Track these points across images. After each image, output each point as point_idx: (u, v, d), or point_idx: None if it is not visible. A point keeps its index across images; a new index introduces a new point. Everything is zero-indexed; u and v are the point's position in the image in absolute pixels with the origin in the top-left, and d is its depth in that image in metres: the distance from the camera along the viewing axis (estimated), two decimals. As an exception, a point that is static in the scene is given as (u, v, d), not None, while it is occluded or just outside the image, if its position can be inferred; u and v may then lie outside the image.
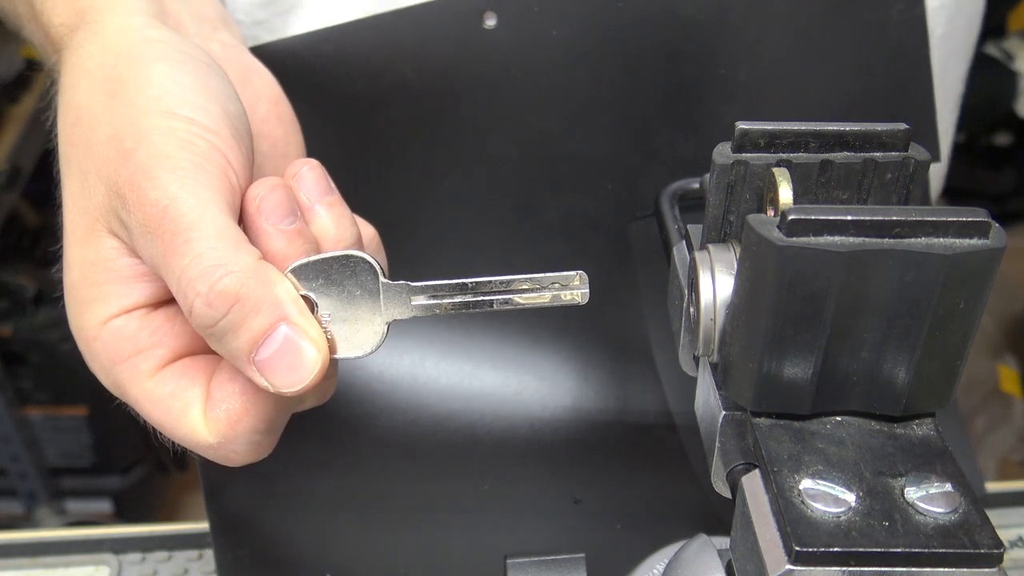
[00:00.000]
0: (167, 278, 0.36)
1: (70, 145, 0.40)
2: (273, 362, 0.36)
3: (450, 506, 0.58)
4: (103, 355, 0.39)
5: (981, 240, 0.29)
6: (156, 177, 0.36)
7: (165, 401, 0.39)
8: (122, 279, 0.39)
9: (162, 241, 0.36)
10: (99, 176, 0.38)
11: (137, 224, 0.36)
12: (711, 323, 0.34)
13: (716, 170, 0.34)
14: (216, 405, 0.38)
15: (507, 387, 0.59)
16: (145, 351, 0.39)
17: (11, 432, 1.67)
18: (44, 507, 1.76)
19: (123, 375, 0.39)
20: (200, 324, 0.36)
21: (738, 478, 0.32)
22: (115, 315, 0.39)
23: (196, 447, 0.39)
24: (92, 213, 0.38)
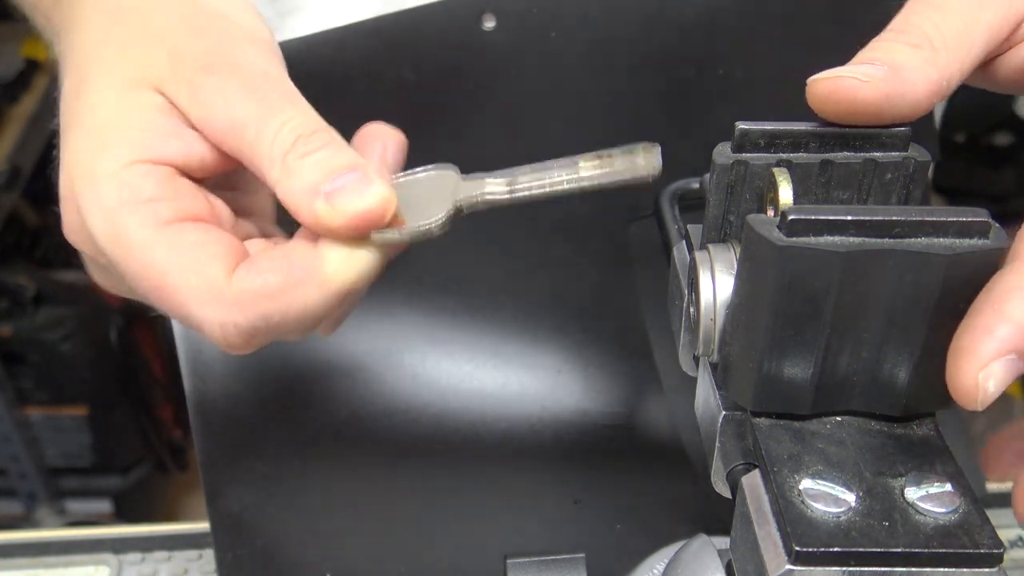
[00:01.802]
0: (256, 128, 0.36)
1: (112, 15, 0.40)
2: (344, 188, 0.36)
3: (450, 506, 0.58)
4: (113, 194, 0.36)
5: (981, 240, 0.29)
6: (248, 48, 0.38)
7: (183, 247, 0.36)
8: (160, 131, 0.37)
9: (262, 100, 0.37)
10: (161, 43, 0.38)
11: (221, 85, 0.37)
12: (711, 323, 0.34)
13: (716, 170, 0.34)
14: (255, 270, 0.36)
15: (507, 388, 0.59)
16: (168, 200, 0.36)
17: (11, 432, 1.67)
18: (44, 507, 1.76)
19: (134, 216, 0.36)
20: (294, 155, 0.36)
21: (738, 478, 0.32)
22: (144, 160, 0.37)
23: (200, 303, 0.36)
24: (137, 70, 0.38)
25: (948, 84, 0.33)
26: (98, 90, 0.38)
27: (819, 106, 0.33)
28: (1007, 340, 0.28)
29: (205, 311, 0.36)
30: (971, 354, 0.28)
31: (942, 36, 0.33)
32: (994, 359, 0.28)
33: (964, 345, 0.28)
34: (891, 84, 0.32)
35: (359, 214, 0.36)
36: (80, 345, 1.62)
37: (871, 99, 0.32)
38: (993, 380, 0.28)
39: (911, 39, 0.33)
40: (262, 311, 0.36)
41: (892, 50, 0.32)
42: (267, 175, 0.37)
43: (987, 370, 0.28)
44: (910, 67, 0.32)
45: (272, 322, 0.36)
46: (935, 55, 0.32)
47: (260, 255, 0.37)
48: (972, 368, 0.28)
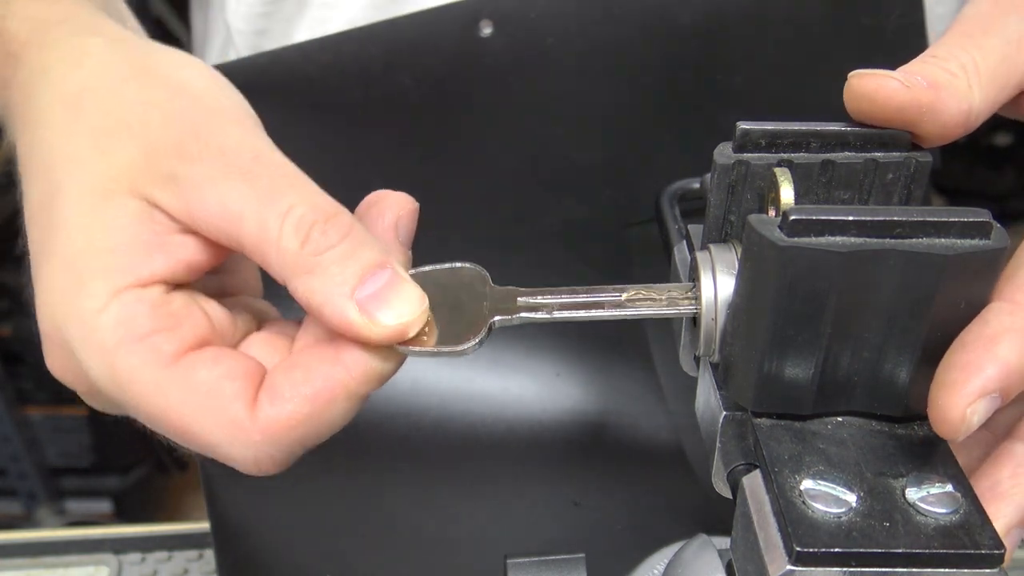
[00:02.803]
0: (257, 218, 0.33)
1: (75, 111, 0.36)
2: (379, 296, 0.33)
3: (450, 507, 0.58)
4: (108, 333, 0.33)
5: (983, 240, 0.29)
6: (231, 129, 0.35)
7: (197, 389, 0.33)
8: (142, 247, 0.34)
9: (256, 185, 0.34)
10: (132, 135, 0.35)
11: (206, 173, 0.34)
12: (712, 323, 0.34)
13: (717, 170, 0.34)
14: (279, 401, 0.33)
15: (507, 391, 0.59)
16: (167, 331, 0.34)
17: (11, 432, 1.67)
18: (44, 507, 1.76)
19: (134, 357, 0.33)
20: (310, 251, 0.33)
21: (739, 478, 0.32)
22: (130, 286, 0.34)
23: (230, 444, 0.34)
24: (109, 174, 0.35)
25: (977, 118, 0.33)
26: (68, 206, 0.35)
27: (856, 101, 0.33)
28: (994, 380, 0.29)
29: (235, 451, 0.34)
30: (960, 389, 0.29)
31: (979, 73, 0.33)
32: (980, 397, 0.29)
33: (954, 379, 0.29)
34: (929, 98, 0.32)
35: (398, 329, 0.33)
36: (80, 345, 1.62)
37: (910, 105, 0.32)
38: (978, 416, 0.29)
39: (950, 67, 0.33)
40: (295, 437, 0.34)
41: (932, 72, 0.33)
42: (278, 271, 0.34)
43: (974, 406, 0.29)
44: (948, 90, 0.32)
45: (307, 443, 0.35)
46: (970, 89, 0.33)
47: (278, 377, 0.34)
48: (960, 403, 0.29)
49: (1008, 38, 0.34)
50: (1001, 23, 0.34)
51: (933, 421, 0.30)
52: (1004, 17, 0.34)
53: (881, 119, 0.33)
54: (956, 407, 0.29)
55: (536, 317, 0.35)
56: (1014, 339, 0.29)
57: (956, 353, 0.30)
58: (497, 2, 0.51)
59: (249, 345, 0.37)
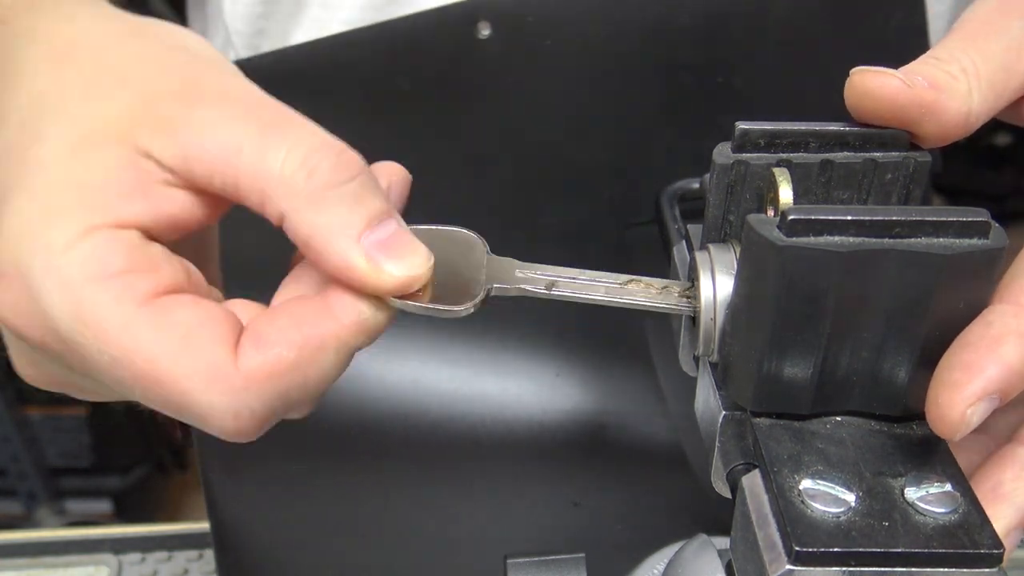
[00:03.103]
0: (258, 148, 0.31)
1: (63, 60, 0.34)
2: (386, 245, 0.32)
3: (451, 507, 0.58)
4: (76, 267, 0.30)
5: (981, 240, 0.29)
6: (234, 80, 0.33)
7: (174, 327, 0.30)
8: (122, 188, 0.31)
9: (260, 122, 0.32)
10: (127, 84, 0.33)
11: (207, 115, 0.32)
12: (711, 323, 0.34)
13: (716, 170, 0.34)
14: (264, 346, 0.31)
15: (507, 392, 0.59)
16: (143, 271, 0.31)
17: (11, 432, 1.67)
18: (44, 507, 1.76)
19: (104, 293, 0.30)
20: (319, 184, 0.31)
21: (738, 478, 0.32)
22: (105, 224, 0.31)
23: (206, 390, 0.30)
24: (99, 121, 0.32)
25: (976, 122, 0.33)
26: (47, 145, 0.32)
27: (857, 98, 0.33)
28: (995, 381, 0.29)
29: (213, 400, 0.30)
30: (962, 388, 0.29)
31: (979, 77, 0.33)
32: (981, 398, 0.29)
33: (956, 379, 0.29)
34: (930, 98, 0.32)
35: (404, 280, 0.32)
36: (80, 345, 1.62)
37: (910, 104, 0.32)
38: (977, 416, 0.29)
39: (951, 69, 0.33)
40: (280, 389, 0.31)
41: (933, 73, 0.33)
42: (277, 203, 0.32)
43: (974, 406, 0.29)
44: (948, 92, 0.32)
45: (291, 399, 0.32)
46: (969, 93, 0.33)
47: (262, 323, 0.32)
48: (961, 403, 0.29)
49: (1010, 43, 0.34)
50: (1004, 27, 0.34)
51: (931, 420, 0.30)
52: (1007, 21, 0.34)
53: (881, 117, 0.33)
54: (956, 406, 0.29)
55: (534, 291, 0.35)
56: (1017, 342, 0.29)
57: (958, 353, 0.30)
58: (495, 3, 0.51)
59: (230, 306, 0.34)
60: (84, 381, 0.34)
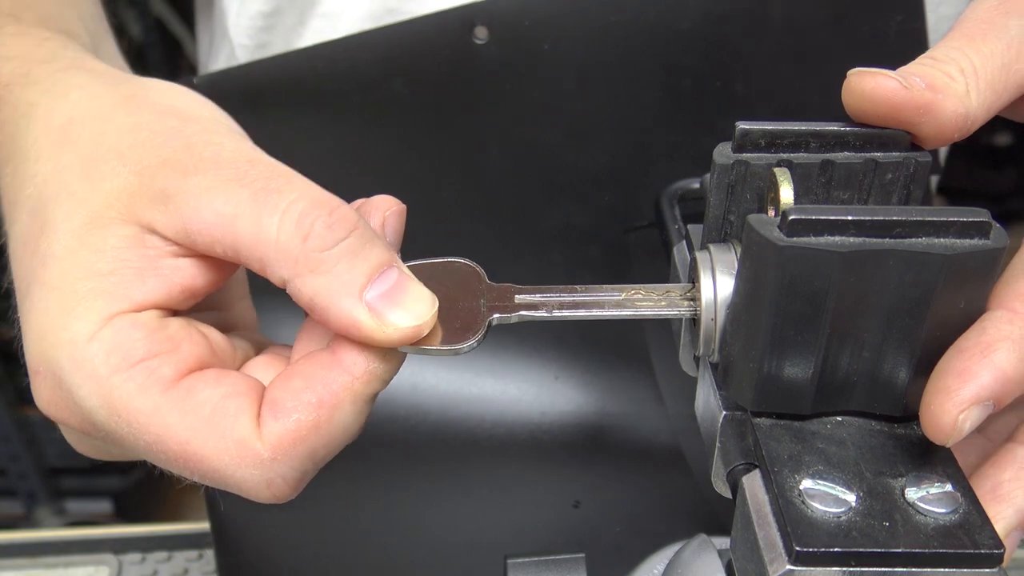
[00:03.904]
0: (252, 216, 0.32)
1: (62, 142, 0.35)
2: (389, 298, 0.32)
3: (451, 508, 0.58)
4: (101, 359, 0.32)
5: (982, 240, 0.29)
6: (225, 141, 0.34)
7: (199, 410, 0.32)
8: (133, 271, 0.32)
9: (251, 186, 0.32)
10: (122, 160, 0.34)
11: (201, 183, 0.32)
12: (711, 323, 0.34)
13: (717, 170, 0.34)
14: (282, 414, 0.32)
15: (506, 394, 0.59)
16: (164, 354, 0.32)
17: (11, 432, 1.67)
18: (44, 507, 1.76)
19: (130, 383, 0.31)
20: (314, 247, 0.31)
21: (738, 478, 0.32)
22: (122, 312, 0.32)
23: (237, 466, 0.32)
24: (100, 201, 0.33)
25: (974, 123, 0.33)
26: (57, 236, 0.33)
27: (854, 99, 0.33)
28: (988, 387, 0.29)
29: (245, 474, 0.32)
30: (954, 395, 0.29)
31: (977, 77, 0.33)
32: (975, 404, 0.29)
33: (948, 385, 0.29)
34: (927, 99, 0.32)
35: (411, 331, 0.32)
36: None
37: (907, 105, 0.32)
38: (970, 422, 0.29)
39: (949, 70, 0.33)
40: (306, 451, 0.32)
41: (931, 74, 0.33)
42: (277, 270, 0.32)
43: (967, 412, 0.29)
44: (946, 93, 0.32)
45: (318, 457, 0.33)
46: (967, 94, 0.33)
47: (277, 390, 0.32)
48: (953, 409, 0.29)
49: (1009, 42, 0.33)
50: (1002, 26, 0.34)
51: (925, 426, 0.30)
52: (1006, 20, 0.34)
53: (878, 118, 0.33)
54: (948, 413, 0.29)
55: (535, 316, 0.35)
56: (1011, 348, 0.29)
57: (952, 359, 0.30)
58: (492, 8, 0.51)
59: (250, 368, 0.36)
60: (115, 450, 0.35)
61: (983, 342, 0.30)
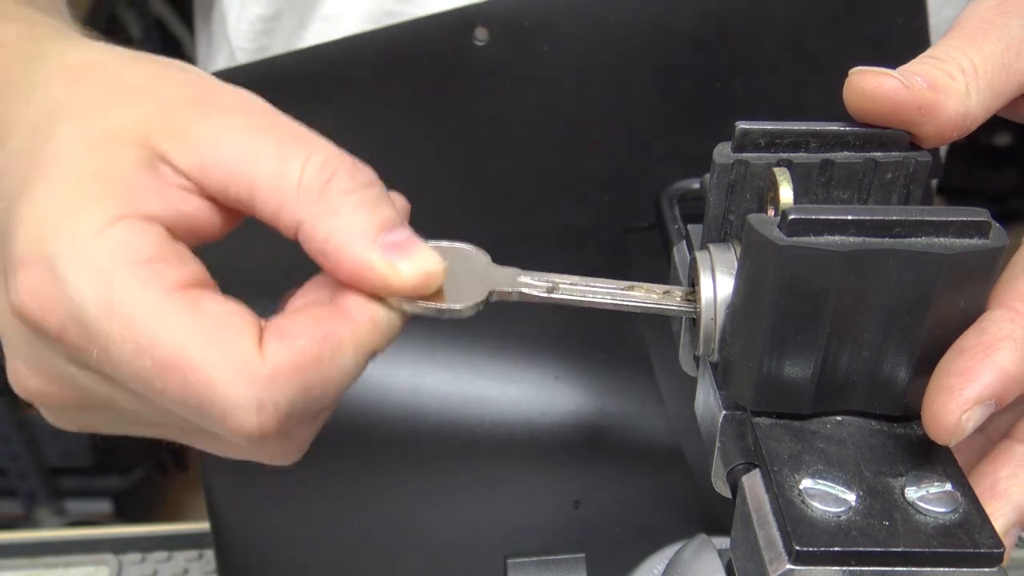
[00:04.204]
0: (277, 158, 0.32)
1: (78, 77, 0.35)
2: (402, 247, 0.32)
3: (450, 508, 0.58)
4: (107, 252, 0.30)
5: (981, 240, 0.29)
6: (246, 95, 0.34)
7: (203, 317, 0.30)
8: (146, 186, 0.32)
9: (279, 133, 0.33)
10: (144, 96, 0.33)
11: (224, 123, 0.32)
12: (711, 323, 0.34)
13: (716, 170, 0.34)
14: (289, 339, 0.31)
15: (506, 395, 0.59)
16: (173, 262, 0.31)
17: (11, 432, 1.67)
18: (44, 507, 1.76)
19: (134, 278, 0.30)
20: (337, 189, 0.32)
21: (738, 478, 0.32)
22: (132, 215, 0.31)
23: (233, 380, 0.30)
24: (117, 121, 0.33)
25: (973, 122, 0.33)
26: (64, 142, 0.32)
27: (855, 98, 0.33)
28: (990, 387, 0.29)
29: (239, 390, 0.30)
30: (956, 394, 0.29)
31: (977, 77, 0.33)
32: (977, 404, 0.29)
33: (950, 385, 0.29)
34: (928, 99, 0.32)
35: (422, 278, 0.32)
36: (80, 345, 1.62)
37: (908, 105, 0.32)
38: (972, 422, 0.29)
39: (950, 69, 0.33)
40: (302, 384, 0.31)
41: (932, 73, 0.33)
42: (294, 211, 0.32)
43: (969, 412, 0.29)
44: (947, 93, 0.32)
45: (312, 396, 0.32)
46: (968, 93, 0.33)
47: (283, 320, 0.32)
48: (956, 409, 0.29)
49: (1009, 42, 0.34)
50: (1003, 25, 0.34)
51: (927, 425, 0.30)
52: (1006, 19, 0.34)
53: (879, 117, 0.33)
54: (951, 412, 0.29)
55: (534, 295, 0.35)
56: (1012, 347, 0.29)
57: (954, 359, 0.30)
58: (491, 9, 0.51)
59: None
60: (93, 387, 0.33)
61: (985, 342, 0.30)
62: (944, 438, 0.29)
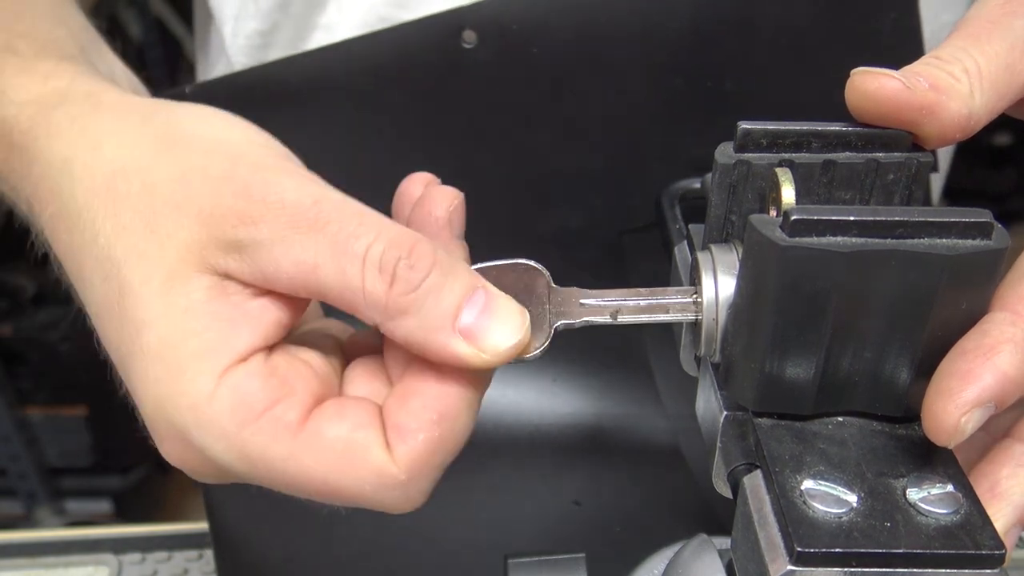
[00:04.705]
0: (335, 267, 0.32)
1: (114, 199, 0.35)
2: (481, 323, 0.33)
3: (451, 508, 0.58)
4: (227, 417, 0.32)
5: (984, 241, 0.29)
6: (283, 180, 0.34)
7: (334, 446, 0.32)
8: (227, 321, 0.33)
9: (326, 232, 0.32)
10: (182, 212, 0.34)
11: (273, 232, 0.32)
12: (713, 323, 0.34)
13: (718, 170, 0.34)
14: (410, 436, 0.33)
15: (505, 397, 0.59)
16: (284, 399, 0.33)
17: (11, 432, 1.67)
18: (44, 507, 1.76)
19: (260, 435, 0.32)
20: (400, 291, 0.32)
21: (739, 478, 0.32)
22: (231, 365, 0.33)
23: (378, 492, 0.33)
24: (172, 256, 0.34)
25: (976, 123, 0.33)
26: (140, 301, 0.34)
27: (857, 99, 0.33)
28: (990, 389, 0.29)
29: (385, 498, 0.33)
30: (956, 397, 0.29)
31: (981, 78, 0.33)
32: (977, 406, 0.29)
33: (950, 387, 0.29)
34: (930, 100, 0.32)
35: (511, 351, 0.33)
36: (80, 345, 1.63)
37: (910, 106, 0.32)
38: (972, 424, 0.29)
39: (953, 70, 0.33)
40: (436, 463, 0.33)
41: (935, 74, 0.32)
42: (368, 316, 0.33)
43: (969, 414, 0.29)
44: (949, 93, 0.32)
45: (446, 463, 0.34)
46: (971, 95, 0.32)
47: (399, 413, 0.33)
48: (956, 411, 0.29)
49: (1013, 43, 0.33)
50: (1007, 26, 0.34)
51: (927, 427, 0.30)
52: (1011, 20, 0.34)
53: (881, 118, 0.33)
54: (950, 415, 0.29)
55: (599, 321, 0.35)
56: (1013, 350, 0.29)
57: (954, 361, 0.30)
58: (479, 12, 0.51)
59: (352, 384, 0.36)
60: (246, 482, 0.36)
61: (986, 344, 0.30)
62: (943, 440, 0.29)
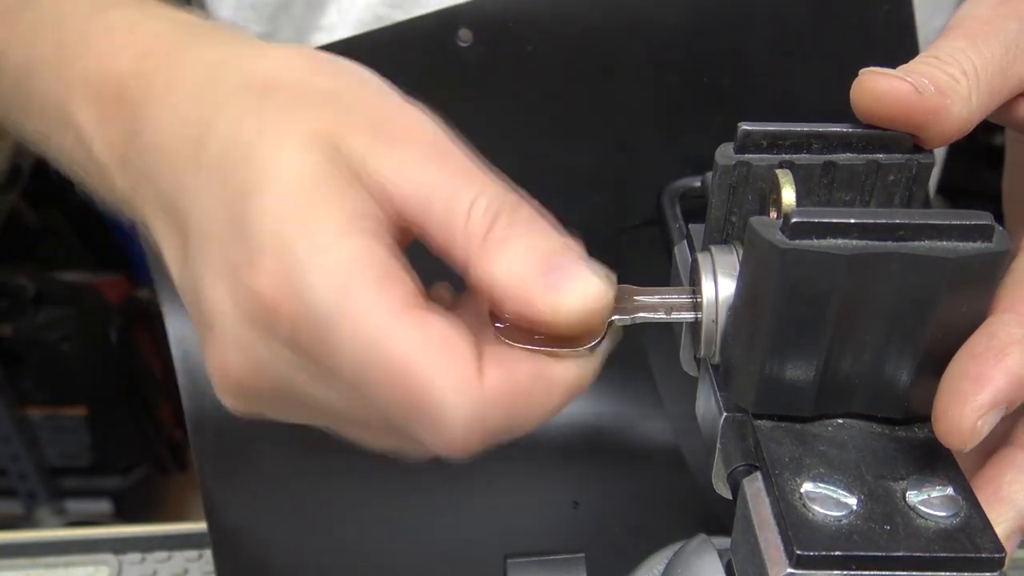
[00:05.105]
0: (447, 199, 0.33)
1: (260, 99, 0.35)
2: (565, 279, 0.32)
3: (450, 508, 0.58)
4: (346, 258, 0.31)
5: (985, 244, 0.29)
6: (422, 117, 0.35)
7: (433, 337, 0.31)
8: (358, 202, 0.33)
9: (448, 166, 0.34)
10: (323, 103, 0.35)
11: (407, 156, 0.33)
12: (713, 325, 0.34)
13: (718, 171, 0.34)
14: (509, 368, 0.32)
15: None
16: (401, 279, 0.32)
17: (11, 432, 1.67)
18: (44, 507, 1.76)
19: (368, 293, 0.31)
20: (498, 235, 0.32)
21: (739, 480, 0.32)
22: (359, 232, 0.32)
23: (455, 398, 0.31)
24: (311, 125, 0.34)
25: (970, 126, 0.33)
26: (270, 150, 0.33)
27: (865, 100, 0.33)
28: (1004, 391, 0.29)
29: (457, 402, 0.31)
30: (972, 400, 0.29)
31: (978, 81, 0.33)
32: (992, 408, 0.29)
33: (964, 390, 0.29)
34: (937, 103, 0.32)
35: (598, 301, 0.32)
36: (80, 345, 1.63)
37: (918, 110, 0.32)
38: (987, 427, 0.29)
39: (953, 71, 0.33)
40: (512, 411, 0.32)
41: (937, 76, 0.32)
42: (461, 253, 0.33)
43: (984, 417, 0.29)
44: (952, 98, 0.32)
45: (514, 424, 0.32)
46: (969, 97, 0.32)
47: (503, 350, 0.33)
48: (972, 414, 0.29)
49: (1007, 47, 0.33)
50: (1002, 28, 0.34)
51: (941, 432, 0.29)
52: (1006, 22, 0.34)
53: (887, 120, 0.32)
54: (967, 418, 0.29)
55: (653, 317, 0.35)
56: (1021, 351, 0.29)
57: (965, 363, 0.30)
58: (474, 10, 0.51)
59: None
60: (301, 379, 0.34)
61: (995, 346, 0.29)
62: (960, 443, 0.29)
